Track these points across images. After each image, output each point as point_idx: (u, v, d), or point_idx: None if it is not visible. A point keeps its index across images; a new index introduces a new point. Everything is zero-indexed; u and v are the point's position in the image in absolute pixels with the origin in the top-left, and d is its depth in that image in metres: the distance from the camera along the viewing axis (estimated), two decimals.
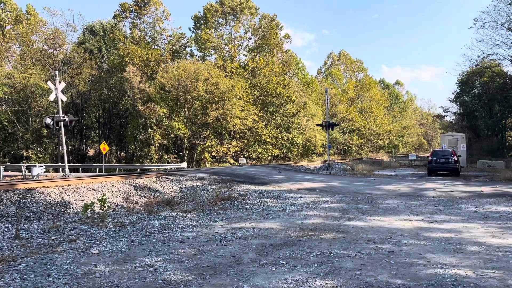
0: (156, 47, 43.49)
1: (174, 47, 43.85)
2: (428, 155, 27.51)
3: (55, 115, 20.11)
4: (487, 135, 44.46)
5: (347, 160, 40.41)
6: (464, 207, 11.20)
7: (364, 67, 75.87)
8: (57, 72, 21.12)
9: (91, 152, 49.04)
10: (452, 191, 14.86)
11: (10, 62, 39.93)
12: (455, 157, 23.01)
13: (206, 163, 35.58)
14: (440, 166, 23.13)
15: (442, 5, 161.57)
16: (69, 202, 10.24)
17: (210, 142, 36.76)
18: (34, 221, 8.54)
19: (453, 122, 54.97)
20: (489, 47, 47.91)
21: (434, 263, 5.51)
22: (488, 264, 5.45)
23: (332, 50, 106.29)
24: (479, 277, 4.87)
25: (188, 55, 45.45)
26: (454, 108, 51.20)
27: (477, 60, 40.02)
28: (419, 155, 53.61)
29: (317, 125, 35.17)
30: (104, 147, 29.62)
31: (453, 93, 49.21)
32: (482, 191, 14.70)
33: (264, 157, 41.14)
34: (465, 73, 43.64)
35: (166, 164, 32.38)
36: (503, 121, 43.24)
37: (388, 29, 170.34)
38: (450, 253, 6.08)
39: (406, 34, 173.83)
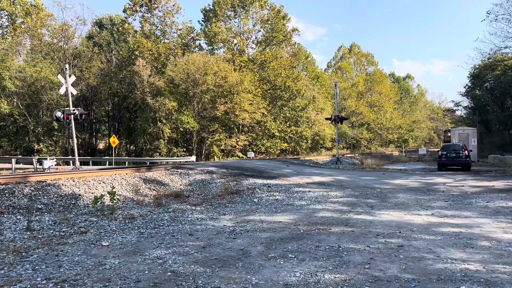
0: (166, 41, 43.51)
1: (184, 41, 43.84)
2: (439, 149, 27.24)
3: (66, 108, 20.26)
4: (499, 129, 43.79)
5: (356, 154, 40.26)
6: (475, 202, 11.08)
7: (374, 60, 75.24)
8: (67, 66, 21.22)
9: (101, 145, 49.50)
10: (463, 185, 14.72)
11: (21, 56, 40.30)
12: (466, 152, 22.76)
13: (215, 156, 35.68)
14: (451, 161, 22.90)
15: None
16: (79, 195, 10.34)
17: (218, 135, 36.81)
18: (45, 213, 8.65)
19: (464, 116, 54.30)
20: (502, 40, 46.99)
21: (444, 258, 5.47)
22: (499, 259, 5.40)
23: (343, 43, 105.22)
24: (490, 272, 4.82)
25: (197, 48, 45.44)
26: (465, 102, 50.55)
27: (489, 54, 39.32)
28: (429, 149, 53.12)
29: (326, 119, 35.02)
30: (114, 141, 29.82)
31: (464, 87, 48.51)
32: (493, 186, 14.53)
33: (273, 151, 41.12)
34: (477, 66, 42.94)
35: (175, 158, 32.55)
36: None
37: (400, 23, 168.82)
38: (460, 248, 6.03)
39: (418, 28, 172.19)
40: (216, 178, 15.39)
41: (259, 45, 45.32)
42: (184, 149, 37.97)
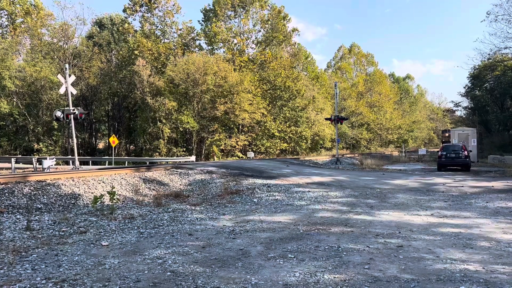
0: (166, 40, 43.52)
1: (184, 41, 43.86)
2: (438, 149, 27.26)
3: (65, 108, 20.24)
4: (499, 130, 43.81)
5: (356, 155, 40.28)
6: (474, 202, 11.08)
7: (374, 60, 75.28)
8: (67, 65, 21.21)
9: (100, 145, 49.50)
10: (462, 186, 14.72)
11: (21, 55, 40.28)
12: (466, 152, 22.77)
13: (215, 156, 35.67)
14: (450, 161, 22.92)
15: None
16: (79, 195, 10.34)
17: (218, 135, 36.81)
18: (45, 213, 8.64)
19: (464, 116, 54.34)
20: (502, 40, 47.25)
21: (443, 258, 5.47)
22: (498, 260, 5.40)
23: (343, 43, 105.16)
24: (489, 273, 4.82)
25: (197, 48, 45.45)
26: (465, 102, 50.63)
27: (489, 54, 39.37)
28: (429, 149, 53.13)
29: (326, 119, 35.04)
30: (114, 140, 29.81)
31: (464, 88, 48.56)
32: (493, 186, 14.53)
33: (273, 151, 41.11)
34: (477, 67, 43.00)
35: (175, 158, 32.55)
36: None
37: (400, 23, 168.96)
38: (459, 249, 6.03)
39: (418, 28, 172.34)
40: (215, 178, 15.39)
41: (259, 45, 45.33)
42: (184, 149, 37.96)
